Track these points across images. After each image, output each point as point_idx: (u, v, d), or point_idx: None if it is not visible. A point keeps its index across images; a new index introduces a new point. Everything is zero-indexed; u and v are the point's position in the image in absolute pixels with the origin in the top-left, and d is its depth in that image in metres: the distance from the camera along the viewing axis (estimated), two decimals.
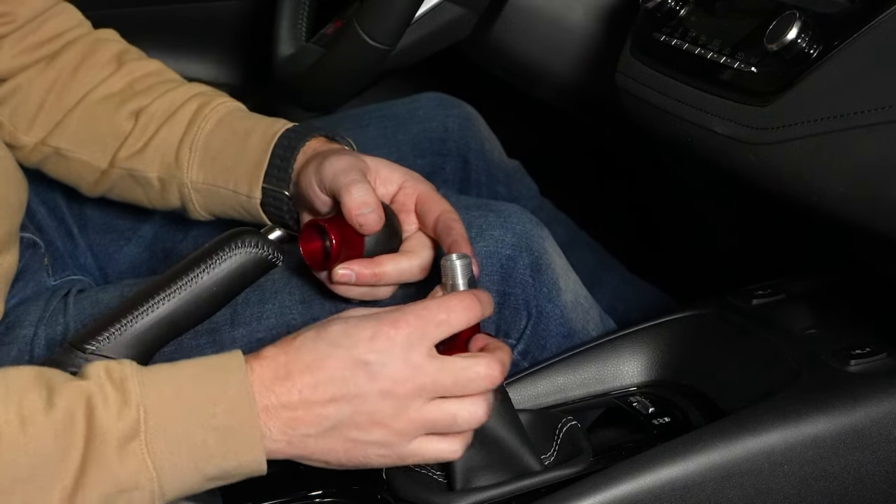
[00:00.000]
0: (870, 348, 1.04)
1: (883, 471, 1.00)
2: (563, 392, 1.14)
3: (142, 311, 0.96)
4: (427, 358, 0.90)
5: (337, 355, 0.89)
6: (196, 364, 0.89)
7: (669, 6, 1.14)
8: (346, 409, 0.89)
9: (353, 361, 0.89)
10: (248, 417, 0.87)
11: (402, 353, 0.89)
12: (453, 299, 0.92)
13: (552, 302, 1.17)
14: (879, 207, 0.93)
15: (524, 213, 1.19)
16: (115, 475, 0.84)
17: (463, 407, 0.91)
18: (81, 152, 1.23)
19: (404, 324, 0.90)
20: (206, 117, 1.20)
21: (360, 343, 0.89)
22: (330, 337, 0.90)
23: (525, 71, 1.57)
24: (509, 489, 0.98)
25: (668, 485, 0.96)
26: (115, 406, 0.85)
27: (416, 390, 0.90)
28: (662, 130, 1.21)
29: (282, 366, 0.89)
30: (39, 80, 1.24)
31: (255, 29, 1.85)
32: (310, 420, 0.89)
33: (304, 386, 0.89)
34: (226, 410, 0.87)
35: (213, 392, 0.87)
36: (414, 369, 0.89)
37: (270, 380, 0.89)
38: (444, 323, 0.91)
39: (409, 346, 0.90)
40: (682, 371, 1.14)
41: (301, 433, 0.89)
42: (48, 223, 1.35)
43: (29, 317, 1.18)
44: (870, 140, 0.92)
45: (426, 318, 0.91)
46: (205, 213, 1.21)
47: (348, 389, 0.89)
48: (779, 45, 0.98)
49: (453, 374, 0.90)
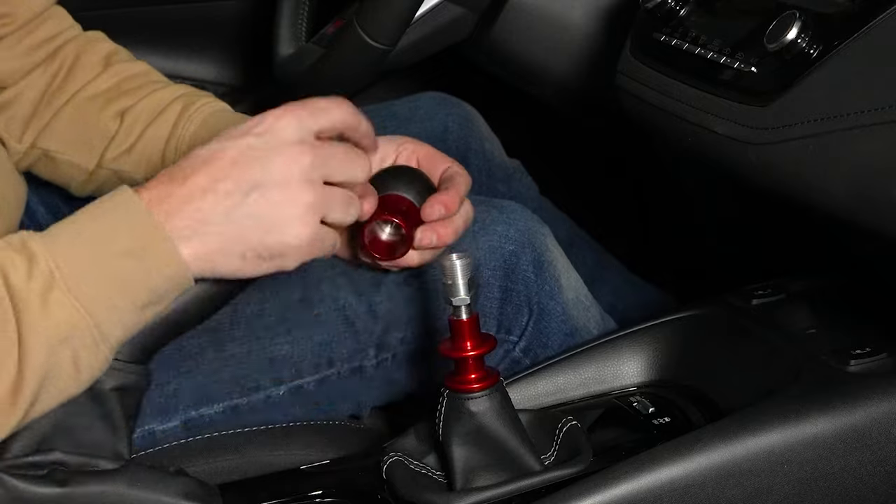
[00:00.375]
0: (870, 348, 1.04)
1: (883, 471, 1.00)
2: (563, 392, 1.14)
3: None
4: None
5: (232, 141, 0.92)
6: (88, 207, 0.91)
7: (669, 6, 1.14)
8: (250, 187, 0.90)
9: (249, 139, 0.91)
10: (152, 229, 0.88)
11: (297, 124, 0.93)
12: (357, 155, 0.96)
13: (554, 299, 1.18)
14: (879, 207, 0.93)
15: (526, 211, 1.20)
16: (48, 326, 0.85)
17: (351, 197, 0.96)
18: (69, 153, 1.24)
19: (286, 109, 0.93)
20: (190, 118, 1.20)
21: (249, 130, 0.92)
22: (221, 135, 0.93)
23: (525, 71, 1.57)
24: (509, 489, 0.98)
25: (668, 485, 0.96)
26: (23, 267, 0.86)
27: (314, 161, 0.92)
28: (662, 130, 1.21)
29: (178, 169, 0.91)
30: (34, 88, 1.24)
31: (255, 29, 1.85)
32: (214, 207, 0.90)
33: (202, 178, 0.90)
34: (127, 232, 0.88)
35: (109, 222, 0.89)
36: (308, 141, 0.92)
37: (167, 184, 0.90)
38: (323, 111, 0.95)
39: (303, 123, 0.93)
40: (682, 371, 1.14)
41: (210, 224, 0.90)
42: (48, 223, 1.34)
43: None
44: (870, 140, 0.92)
45: (307, 105, 0.94)
46: None
47: (249, 166, 0.90)
48: (779, 45, 0.98)
49: (343, 152, 0.94)
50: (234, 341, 1.14)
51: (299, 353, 1.15)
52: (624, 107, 1.24)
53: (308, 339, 1.15)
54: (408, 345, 1.17)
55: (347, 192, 0.95)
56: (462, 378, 0.99)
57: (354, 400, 1.19)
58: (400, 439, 1.05)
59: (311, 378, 1.16)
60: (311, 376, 1.16)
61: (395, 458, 1.02)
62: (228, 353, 1.14)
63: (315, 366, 1.16)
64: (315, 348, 1.15)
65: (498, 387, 1.00)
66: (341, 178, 0.94)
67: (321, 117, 0.95)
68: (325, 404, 1.18)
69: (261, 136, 0.92)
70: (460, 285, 0.98)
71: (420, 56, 1.48)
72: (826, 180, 0.97)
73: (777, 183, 1.03)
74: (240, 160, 0.91)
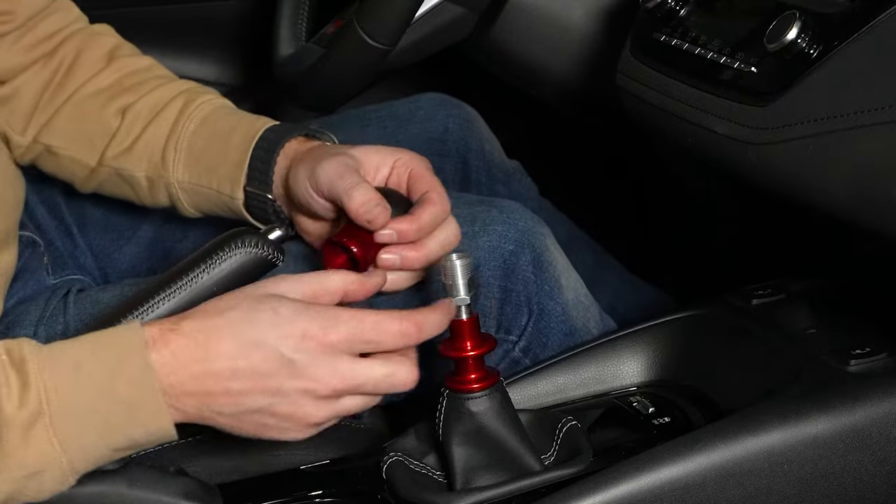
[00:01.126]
0: (870, 348, 1.04)
1: (883, 471, 1.00)
2: (563, 392, 1.14)
3: (142, 311, 0.96)
4: (350, 363, 0.91)
5: (262, 349, 0.89)
6: (93, 339, 0.89)
7: (669, 6, 1.14)
8: (264, 400, 0.90)
9: (278, 357, 0.89)
10: (150, 390, 0.87)
11: (327, 359, 0.90)
12: (391, 323, 0.92)
13: (554, 299, 1.17)
14: (879, 207, 0.93)
15: (526, 211, 1.19)
16: (22, 460, 0.85)
17: (365, 400, 0.94)
18: (71, 149, 1.23)
19: (335, 333, 0.90)
20: (190, 116, 1.19)
21: (288, 340, 0.89)
22: (257, 326, 0.90)
23: (525, 71, 1.57)
24: (509, 489, 0.98)
25: (668, 485, 0.96)
26: (16, 390, 0.85)
27: (335, 392, 0.91)
28: (662, 130, 1.21)
29: (201, 346, 0.89)
30: (35, 81, 1.24)
31: (255, 29, 1.85)
32: (225, 403, 0.89)
33: (223, 370, 0.88)
34: (126, 383, 0.87)
35: (111, 366, 0.87)
36: (337, 376, 0.90)
37: (188, 358, 0.88)
38: (373, 343, 0.92)
39: (337, 354, 0.90)
40: (682, 371, 1.14)
41: (215, 410, 0.90)
42: (47, 222, 1.35)
43: (29, 316, 1.18)
44: (870, 140, 0.92)
45: (357, 334, 0.91)
46: (194, 210, 1.21)
47: (269, 384, 0.89)
48: (779, 45, 0.98)
49: (374, 381, 0.91)
50: None
51: None
52: (624, 107, 1.24)
53: None
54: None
55: (365, 401, 0.93)
56: (462, 378, 0.99)
57: None
58: (400, 439, 1.05)
59: None
60: None
61: (395, 458, 1.02)
62: None
63: None
64: None
65: (498, 387, 1.00)
66: (373, 391, 0.93)
67: (365, 349, 0.92)
68: None
69: (293, 350, 0.89)
70: (460, 285, 0.98)
71: (420, 56, 1.48)
72: (826, 180, 0.97)
73: (777, 183, 1.03)
74: (263, 371, 0.89)
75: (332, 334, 0.90)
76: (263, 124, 1.16)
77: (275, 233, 1.07)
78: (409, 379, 0.93)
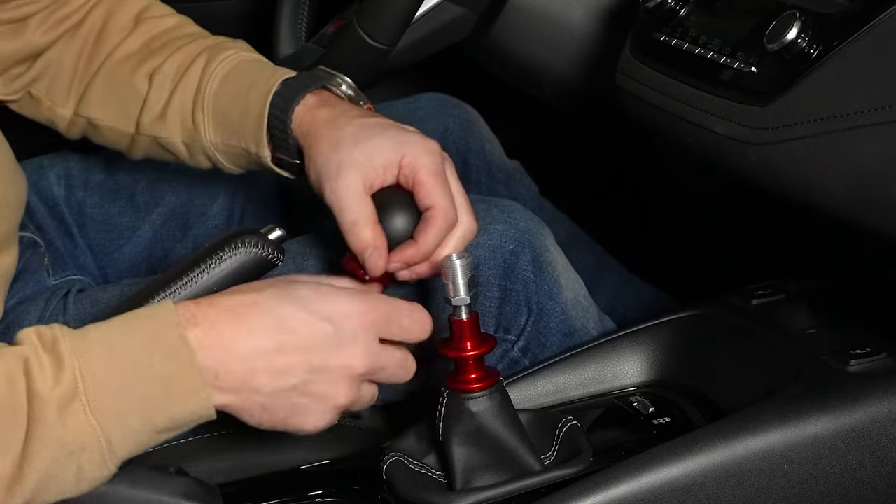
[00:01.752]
0: (870, 348, 1.04)
1: (883, 471, 1.00)
2: (563, 392, 1.14)
3: None
4: (380, 347, 0.92)
5: (307, 323, 0.89)
6: (125, 318, 0.88)
7: (669, 6, 1.14)
8: (305, 376, 0.89)
9: (323, 332, 0.89)
10: (187, 365, 0.86)
11: (366, 338, 0.91)
12: (422, 315, 0.95)
13: (553, 299, 1.18)
14: (879, 207, 0.93)
15: (526, 211, 1.20)
16: (60, 437, 0.83)
17: (373, 391, 0.95)
18: (109, 119, 1.22)
19: (377, 311, 0.92)
20: (212, 75, 1.16)
21: (333, 315, 0.90)
22: (299, 301, 0.90)
23: (525, 71, 1.57)
24: (509, 489, 0.98)
25: (668, 485, 0.96)
26: (50, 370, 0.84)
27: (367, 371, 0.91)
28: (662, 130, 1.21)
29: (244, 321, 0.88)
30: (69, 51, 1.23)
31: (255, 29, 1.84)
32: (266, 380, 0.88)
33: (268, 342, 0.88)
34: (162, 358, 0.86)
35: (145, 342, 0.86)
36: (372, 355, 0.91)
37: (230, 335, 0.87)
38: (404, 329, 0.93)
39: (374, 332, 0.92)
40: (682, 371, 1.14)
41: (252, 388, 0.88)
42: (48, 222, 1.35)
43: (29, 316, 1.18)
44: (870, 140, 0.92)
45: (395, 317, 0.93)
46: (236, 168, 1.19)
47: (314, 358, 0.89)
48: (779, 45, 0.98)
49: (394, 365, 0.93)
50: None
51: None
52: (624, 107, 1.24)
53: None
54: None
55: (373, 392, 0.95)
56: (462, 378, 0.99)
57: None
58: (400, 439, 1.05)
59: None
60: None
61: (395, 458, 1.02)
62: None
63: None
64: None
65: (498, 387, 1.00)
66: (385, 378, 0.94)
67: (396, 333, 0.94)
68: None
69: (337, 326, 0.90)
70: (460, 285, 0.98)
71: (420, 56, 1.48)
72: (826, 180, 0.97)
73: (777, 183, 1.03)
74: (310, 346, 0.89)
75: (375, 313, 0.91)
76: (277, 80, 1.12)
77: (275, 233, 1.07)
78: (413, 368, 0.95)
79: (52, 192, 1.37)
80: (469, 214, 1.06)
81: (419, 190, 1.04)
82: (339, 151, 1.05)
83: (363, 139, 1.05)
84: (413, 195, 1.04)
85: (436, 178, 1.04)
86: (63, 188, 1.35)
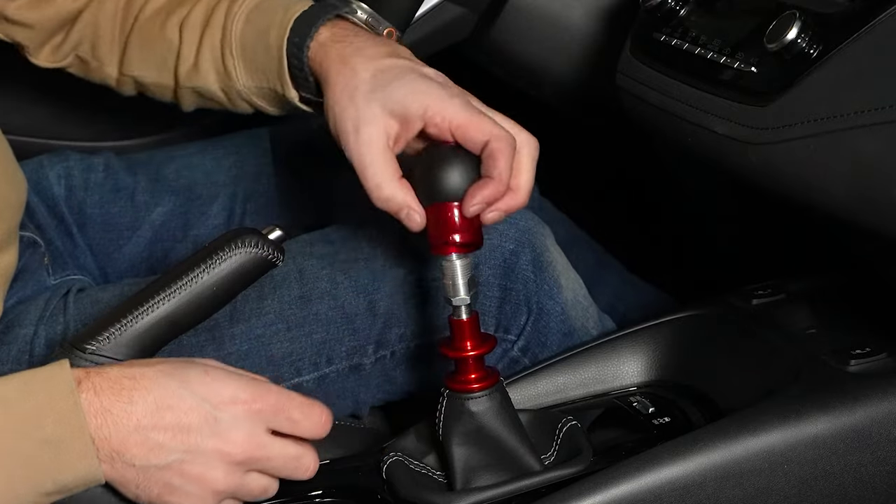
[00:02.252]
0: (870, 348, 1.04)
1: (883, 471, 1.00)
2: (563, 392, 1.14)
3: (142, 311, 0.96)
4: (268, 438, 0.91)
5: (189, 401, 0.89)
6: (22, 377, 0.88)
7: (669, 6, 1.14)
8: (178, 455, 0.88)
9: (203, 413, 0.89)
10: (79, 426, 0.85)
11: (249, 426, 0.90)
12: (316, 410, 0.93)
13: (553, 299, 1.17)
14: (879, 207, 0.93)
15: (526, 211, 1.19)
16: None
17: (272, 483, 0.93)
18: (151, 75, 1.22)
19: (263, 401, 0.91)
20: (235, 17, 1.14)
21: (216, 398, 0.89)
22: (187, 380, 0.89)
23: (525, 71, 1.57)
24: (509, 489, 0.98)
25: (668, 485, 0.96)
26: None
27: (248, 460, 0.90)
28: (662, 130, 1.21)
29: (126, 391, 0.88)
30: (102, 12, 1.23)
31: None
32: (139, 453, 0.88)
33: (144, 415, 0.87)
34: (54, 423, 0.85)
35: (40, 403, 0.85)
36: (254, 443, 0.90)
37: (111, 403, 0.87)
38: (294, 423, 0.92)
39: (260, 423, 0.91)
40: (682, 371, 1.14)
41: (125, 459, 0.88)
42: (48, 222, 1.35)
43: (29, 316, 1.18)
44: (870, 140, 0.92)
45: (284, 409, 0.92)
46: (276, 110, 1.17)
47: (188, 438, 0.88)
48: (779, 45, 0.98)
49: (284, 459, 0.92)
50: (233, 339, 1.14)
51: (298, 350, 1.15)
52: (624, 107, 1.24)
53: (307, 336, 1.15)
54: (407, 342, 1.17)
55: (266, 484, 0.93)
56: (462, 378, 0.99)
57: (353, 398, 1.19)
58: (400, 439, 1.05)
59: (309, 376, 1.16)
60: (309, 374, 1.16)
61: (395, 458, 1.02)
62: (227, 351, 1.14)
63: (314, 364, 1.16)
64: (314, 346, 1.16)
65: (498, 387, 1.00)
66: (274, 471, 0.93)
67: (285, 426, 0.92)
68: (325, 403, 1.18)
69: (218, 409, 0.89)
70: (460, 285, 0.98)
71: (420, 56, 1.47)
72: (826, 180, 0.97)
73: (777, 183, 1.03)
74: (186, 425, 0.88)
75: (260, 402, 0.91)
76: (293, 15, 1.08)
77: (275, 233, 1.07)
78: (313, 468, 0.94)
79: (52, 192, 1.36)
80: (524, 131, 1.01)
81: (464, 133, 0.98)
82: (355, 102, 1.00)
83: (379, 87, 1.00)
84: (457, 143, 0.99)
85: (471, 116, 0.98)
86: (63, 188, 1.35)
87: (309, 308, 1.15)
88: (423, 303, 1.15)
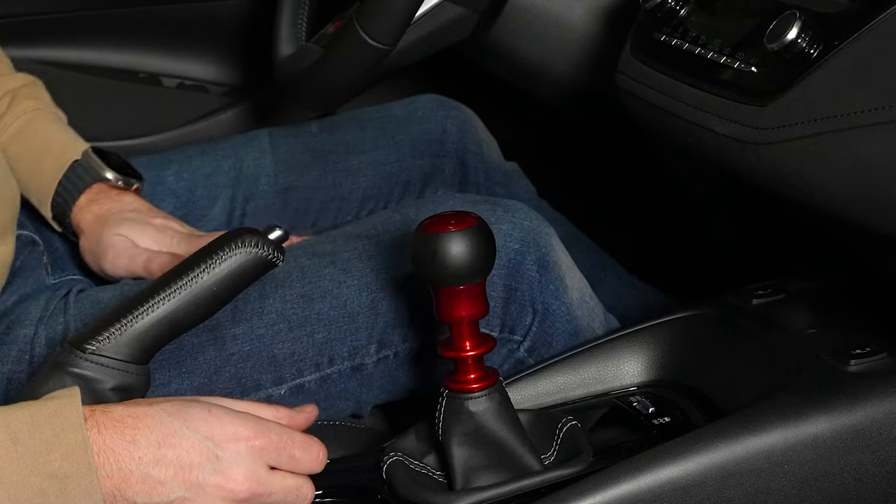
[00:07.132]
0: (870, 348, 1.04)
1: (883, 471, 1.00)
2: (563, 392, 1.14)
3: (142, 311, 0.96)
4: (268, 474, 0.92)
5: (190, 439, 0.90)
6: (31, 408, 0.88)
7: (669, 6, 1.14)
8: (180, 493, 0.89)
9: (205, 450, 0.90)
10: (85, 463, 0.86)
11: (251, 463, 0.91)
12: (315, 447, 0.95)
13: (559, 299, 1.17)
14: (880, 207, 0.93)
15: (531, 211, 1.20)
16: None
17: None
18: None
19: (265, 438, 0.92)
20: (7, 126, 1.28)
21: (218, 436, 0.90)
22: (189, 418, 0.90)
23: (525, 71, 1.57)
24: (509, 489, 0.98)
25: (668, 485, 0.96)
26: None
27: (250, 496, 0.91)
28: (662, 130, 1.21)
29: (129, 429, 0.89)
30: None
31: (255, 29, 1.85)
32: (140, 490, 0.88)
33: (146, 453, 0.88)
34: (61, 458, 0.86)
35: (47, 437, 0.86)
36: (255, 480, 0.91)
37: (114, 440, 0.88)
38: (295, 460, 0.93)
39: (261, 458, 0.92)
40: (682, 371, 1.14)
41: (128, 497, 0.88)
42: (47, 222, 1.35)
43: (29, 316, 1.18)
44: (870, 140, 0.92)
45: (286, 446, 0.93)
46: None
47: (190, 476, 0.89)
48: (779, 45, 0.98)
49: (284, 492, 0.93)
50: (234, 340, 1.14)
51: (300, 350, 1.15)
52: (624, 107, 1.24)
53: (309, 336, 1.15)
54: (409, 342, 1.17)
55: None
56: (461, 378, 0.99)
57: (355, 398, 1.19)
58: (400, 439, 1.05)
59: (311, 376, 1.16)
60: (311, 374, 1.16)
61: (395, 458, 1.02)
62: (229, 351, 1.14)
63: (316, 364, 1.16)
64: (316, 346, 1.15)
65: (497, 387, 1.00)
66: None
67: (286, 463, 0.94)
68: (327, 404, 1.18)
69: (220, 447, 0.90)
70: None
71: (420, 56, 1.48)
72: (826, 180, 0.97)
73: (777, 183, 1.03)
74: (188, 462, 0.89)
75: (262, 439, 0.92)
76: (67, 161, 1.27)
77: (275, 233, 1.07)
78: (311, 496, 0.95)
79: None
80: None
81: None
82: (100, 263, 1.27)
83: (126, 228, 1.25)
84: None
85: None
86: None
87: (311, 307, 1.15)
88: (426, 302, 1.15)
